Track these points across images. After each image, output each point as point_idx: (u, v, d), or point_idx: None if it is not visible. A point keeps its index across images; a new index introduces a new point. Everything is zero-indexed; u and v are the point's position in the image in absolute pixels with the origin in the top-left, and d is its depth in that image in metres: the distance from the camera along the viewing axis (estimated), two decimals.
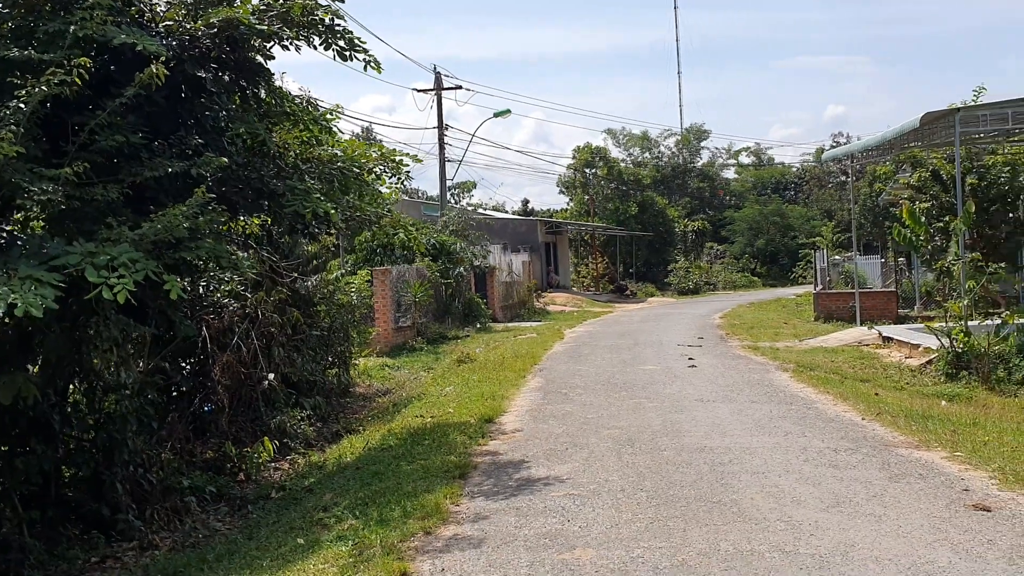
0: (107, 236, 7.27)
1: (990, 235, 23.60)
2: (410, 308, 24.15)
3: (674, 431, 9.87)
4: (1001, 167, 23.02)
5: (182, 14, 9.20)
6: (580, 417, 11.15)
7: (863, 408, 11.07)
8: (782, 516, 6.47)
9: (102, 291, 6.59)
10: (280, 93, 10.36)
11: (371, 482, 8.65)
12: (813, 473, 7.75)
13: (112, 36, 7.52)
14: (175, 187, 8.34)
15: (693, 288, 50.82)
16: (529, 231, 45.49)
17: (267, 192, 9.05)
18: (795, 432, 9.63)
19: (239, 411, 12.47)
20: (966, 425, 9.80)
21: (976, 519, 6.28)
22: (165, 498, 9.42)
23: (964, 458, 8.20)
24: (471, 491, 7.80)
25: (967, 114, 16.67)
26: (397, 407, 14.16)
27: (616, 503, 7.05)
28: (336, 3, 9.35)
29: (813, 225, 58.19)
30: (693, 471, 7.96)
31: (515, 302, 35.15)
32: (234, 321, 12.77)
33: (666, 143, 69.47)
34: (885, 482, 7.38)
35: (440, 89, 35.83)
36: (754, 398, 12.15)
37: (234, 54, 9.28)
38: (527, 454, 9.14)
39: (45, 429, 8.49)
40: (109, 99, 7.96)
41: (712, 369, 15.59)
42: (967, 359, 14.78)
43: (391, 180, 11.66)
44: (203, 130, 9.18)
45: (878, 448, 8.72)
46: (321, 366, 15.29)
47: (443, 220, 32.54)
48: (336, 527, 7.15)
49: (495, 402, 12.54)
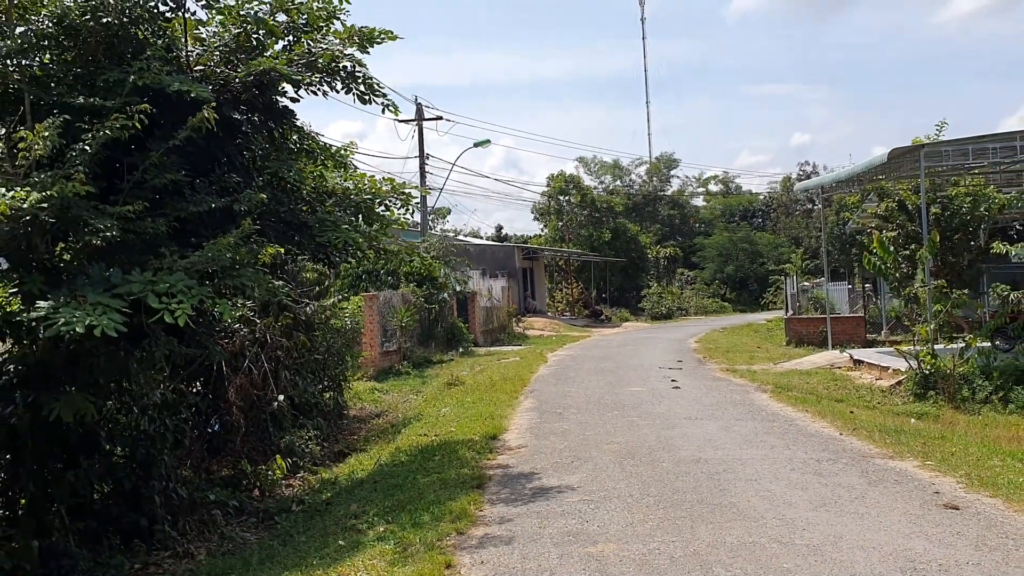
0: (159, 265, 7.98)
1: (953, 262, 24.75)
2: (396, 333, 24.81)
3: (669, 445, 10.68)
4: (963, 198, 24.20)
5: (216, 59, 9.95)
6: (579, 434, 11.91)
7: (840, 424, 11.95)
8: (777, 515, 7.29)
9: (163, 315, 7.29)
10: (302, 132, 11.12)
11: (393, 493, 9.34)
12: (800, 480, 8.58)
13: (168, 84, 8.26)
14: (215, 220, 9.06)
15: (666, 313, 51.88)
16: (506, 257, 46.32)
17: (296, 224, 9.79)
18: (780, 445, 10.47)
19: (250, 431, 13.10)
20: (935, 439, 10.73)
21: (947, 516, 7.13)
22: (193, 511, 10.06)
23: (934, 466, 9.08)
24: (491, 498, 8.53)
25: (931, 149, 17.80)
26: (396, 428, 14.81)
27: (627, 506, 7.82)
28: (360, 53, 10.11)
29: (781, 252, 59.71)
30: (692, 479, 8.76)
31: (495, 327, 35.90)
32: (245, 345, 13.41)
33: (637, 171, 71.03)
34: (865, 486, 8.23)
35: (421, 120, 36.69)
36: (739, 416, 12.99)
37: (262, 97, 10.03)
38: (536, 467, 9.88)
39: (91, 445, 9.13)
40: (155, 140, 8.70)
41: (696, 390, 16.43)
42: (934, 380, 15.77)
43: (400, 211, 12.39)
44: (234, 168, 9.90)
45: (856, 459, 9.58)
46: (319, 389, 15.94)
47: (425, 246, 33.25)
48: (371, 531, 7.85)
49: (495, 421, 13.26)
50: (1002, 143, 17.28)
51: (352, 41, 10.05)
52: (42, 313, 6.90)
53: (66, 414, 7.91)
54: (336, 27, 10.47)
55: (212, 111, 8.52)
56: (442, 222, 70.95)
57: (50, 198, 7.17)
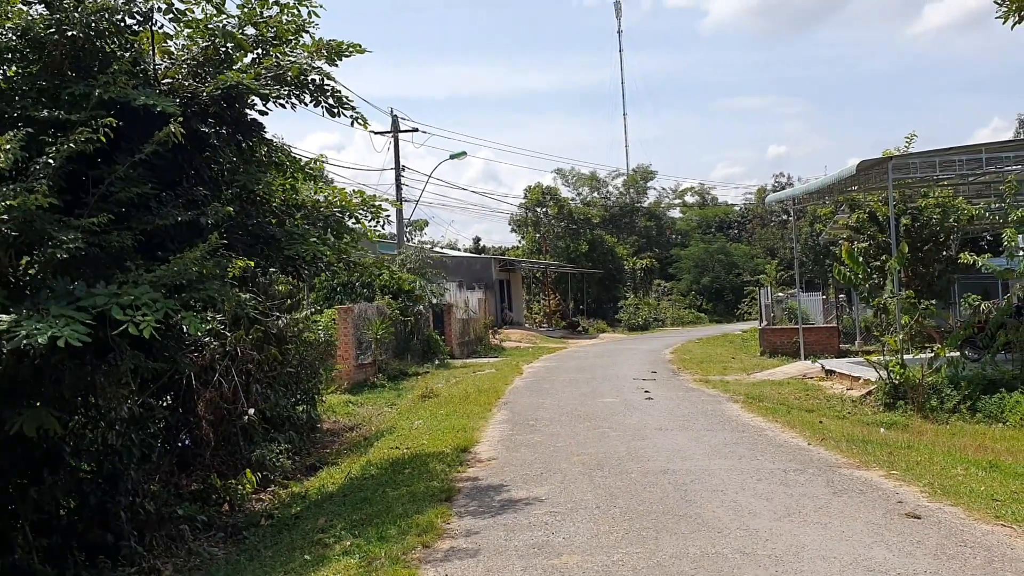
0: (124, 279, 7.94)
1: (924, 273, 25.05)
2: (371, 345, 24.76)
3: (638, 456, 10.72)
4: (933, 209, 24.52)
5: (183, 72, 9.93)
6: (550, 445, 11.93)
7: (809, 434, 12.04)
8: (741, 525, 7.34)
9: (128, 327, 7.25)
10: (272, 145, 11.11)
11: (361, 507, 9.32)
12: (766, 490, 8.64)
13: (134, 98, 8.24)
14: (181, 234, 9.03)
15: (643, 324, 52.05)
16: (483, 269, 46.35)
17: (264, 237, 9.78)
18: (748, 456, 10.54)
19: (220, 445, 13.02)
20: (901, 448, 10.84)
21: (908, 525, 7.21)
22: (161, 526, 9.99)
23: (899, 476, 9.17)
24: (459, 511, 8.52)
25: (899, 161, 18.03)
26: (369, 441, 14.76)
27: (593, 518, 7.85)
28: (329, 66, 10.13)
29: (757, 263, 60.13)
30: (659, 490, 8.80)
31: (472, 339, 35.87)
32: (215, 358, 13.34)
33: (614, 183, 71.22)
34: (830, 496, 8.30)
35: (397, 132, 36.71)
36: (709, 427, 13.06)
37: (231, 110, 10.02)
38: (505, 479, 9.89)
39: (56, 460, 9.04)
40: (121, 153, 8.67)
41: (668, 401, 16.50)
42: (903, 390, 15.94)
43: (371, 224, 12.39)
44: (202, 181, 9.88)
45: (823, 468, 9.66)
46: (291, 402, 15.88)
47: (401, 259, 33.21)
48: (338, 545, 7.82)
49: (467, 433, 13.26)
50: (968, 155, 17.54)
51: (320, 54, 10.08)
52: (4, 327, 6.85)
53: (29, 428, 7.84)
54: (305, 40, 10.51)
55: (179, 125, 8.52)
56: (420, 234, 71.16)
57: (11, 209, 7.14)
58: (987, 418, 14.88)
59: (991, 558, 6.26)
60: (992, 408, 15.07)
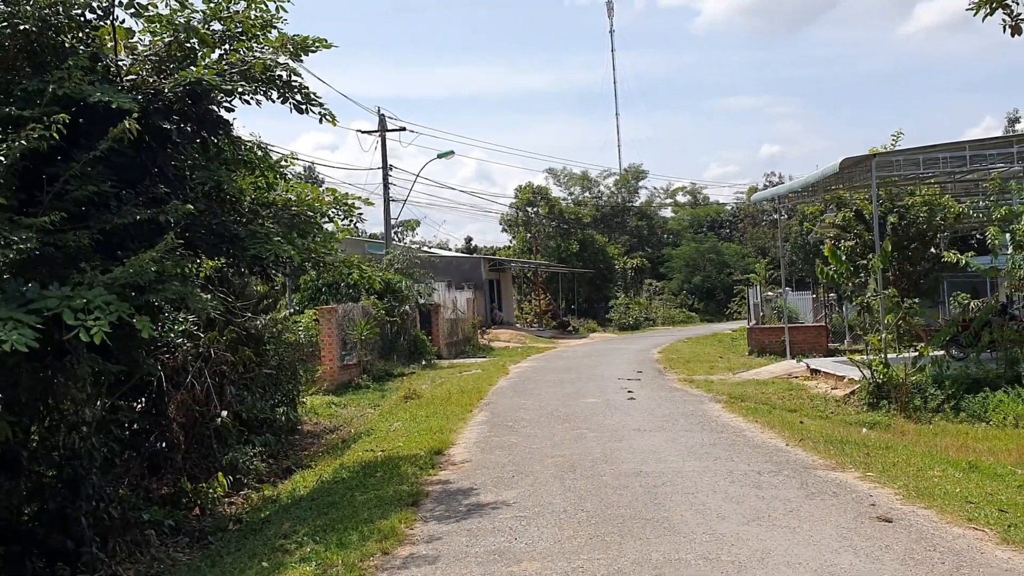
0: (80, 280, 7.73)
1: (910, 271, 24.93)
2: (356, 346, 24.56)
3: (613, 458, 10.55)
4: (920, 207, 24.38)
5: (147, 69, 9.73)
6: (525, 447, 11.76)
7: (788, 435, 11.88)
8: (707, 530, 7.17)
9: (79, 332, 7.05)
10: (239, 142, 10.90)
11: (328, 511, 9.13)
12: (738, 492, 8.48)
13: (89, 93, 8.03)
14: (142, 233, 8.83)
15: (633, 324, 51.90)
16: (473, 268, 46.17)
17: (228, 236, 9.58)
18: (724, 457, 10.38)
19: (193, 448, 12.82)
20: (879, 449, 10.69)
21: (878, 529, 7.04)
22: (126, 531, 9.79)
23: (875, 477, 9.01)
24: (424, 516, 8.34)
25: (883, 159, 17.88)
26: (347, 443, 14.58)
27: (559, 522, 7.67)
28: (294, 63, 9.94)
29: (748, 262, 60.04)
30: (629, 493, 8.63)
31: (460, 339, 35.69)
32: (188, 360, 13.13)
33: (605, 183, 71.07)
34: (802, 499, 8.13)
35: (384, 131, 36.49)
36: (688, 427, 12.89)
37: (196, 107, 9.80)
38: (476, 482, 9.71)
39: (13, 465, 8.84)
40: (80, 151, 8.46)
41: (650, 401, 16.34)
42: (887, 389, 15.79)
43: (344, 223, 12.20)
44: (166, 179, 9.68)
45: (798, 470, 9.50)
46: (270, 404, 15.67)
47: (388, 258, 33.00)
48: (298, 551, 7.63)
49: (444, 435, 13.08)
50: (952, 152, 17.40)
51: (285, 49, 9.88)
52: None
53: None
54: (273, 36, 10.31)
55: (136, 122, 8.31)
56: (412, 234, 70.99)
57: None
58: (971, 417, 14.74)
59: (959, 563, 6.10)
60: (975, 407, 14.93)
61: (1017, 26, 7.91)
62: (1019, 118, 57.35)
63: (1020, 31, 7.92)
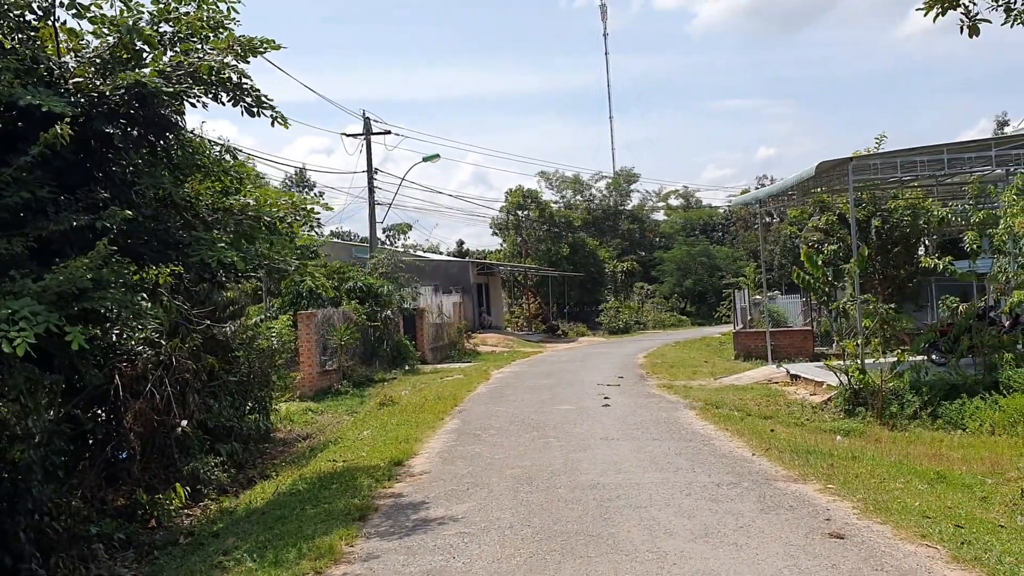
0: (9, 289, 7.49)
1: (894, 276, 24.73)
2: (336, 352, 24.30)
3: (573, 469, 10.30)
4: (903, 211, 24.19)
5: (91, 72, 9.49)
6: (488, 458, 11.51)
7: (756, 444, 11.64)
8: (652, 547, 6.92)
9: (1, 344, 6.81)
10: (192, 146, 10.66)
11: (274, 526, 8.88)
12: (692, 506, 8.24)
13: (19, 96, 7.79)
14: (82, 240, 8.58)
15: (623, 327, 51.64)
16: (461, 272, 45.93)
17: (173, 243, 9.33)
18: (685, 468, 10.13)
19: (152, 458, 12.56)
20: (844, 459, 10.44)
21: (828, 546, 6.80)
22: (72, 546, 9.51)
23: (835, 490, 8.77)
24: (368, 532, 8.09)
25: (860, 163, 17.65)
26: (314, 452, 14.32)
27: (502, 540, 7.42)
28: (242, 65, 9.70)
29: (739, 265, 59.81)
30: (580, 507, 8.38)
31: (445, 343, 35.42)
32: (148, 368, 12.87)
33: (597, 186, 70.85)
34: (756, 514, 7.89)
35: (369, 134, 36.26)
36: (657, 436, 12.65)
37: (144, 110, 9.57)
38: (429, 495, 9.46)
39: None
40: (17, 155, 8.23)
41: (624, 408, 16.10)
42: (864, 396, 15.55)
43: (304, 229, 11.97)
44: (112, 184, 9.44)
45: (759, 482, 9.25)
46: (240, 412, 15.41)
47: (372, 262, 32.74)
48: (234, 569, 7.39)
49: (408, 445, 12.83)
50: (930, 156, 17.17)
51: (232, 51, 9.64)
52: None
53: None
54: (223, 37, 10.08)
55: (78, 126, 8.11)
56: (404, 238, 70.72)
57: None
58: (947, 424, 14.49)
59: None
60: (952, 414, 14.68)
61: (975, 26, 7.68)
62: (1008, 120, 57.23)
63: (978, 31, 7.69)
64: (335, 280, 28.21)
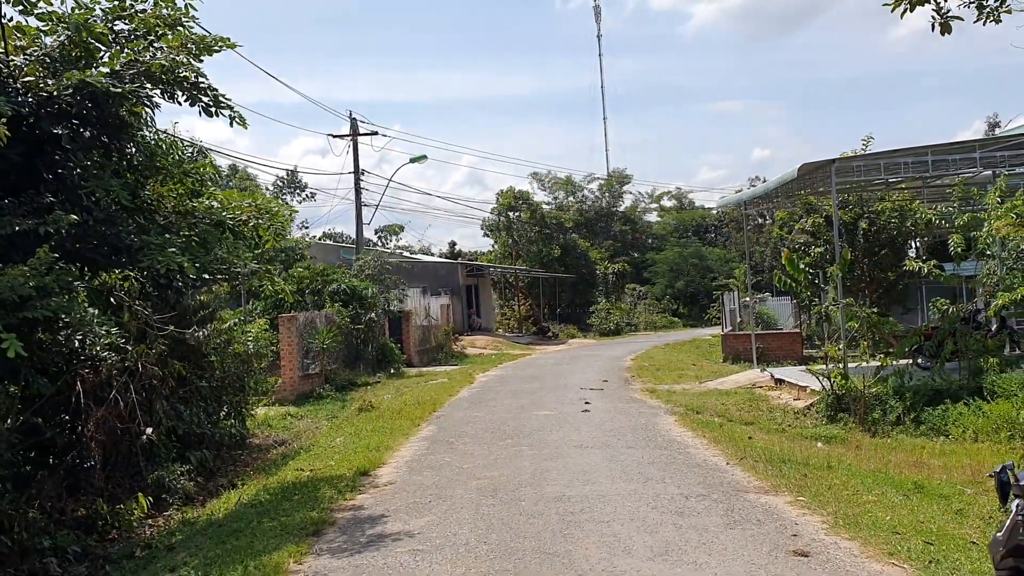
0: None
1: (881, 278, 24.47)
2: (318, 355, 23.99)
3: (540, 480, 10.02)
4: (890, 213, 23.93)
5: (41, 72, 9.19)
6: (456, 467, 11.23)
7: (731, 452, 11.37)
8: (608, 567, 6.63)
9: None
10: (149, 148, 10.36)
11: (227, 540, 8.60)
12: (656, 520, 7.95)
13: None
14: (26, 245, 8.28)
15: (614, 329, 51.37)
16: (450, 274, 45.61)
17: (123, 247, 9.04)
18: (656, 478, 9.85)
19: (117, 466, 12.24)
20: (819, 469, 10.16)
21: (791, 565, 6.52)
22: (23, 560, 9.24)
23: (806, 502, 8.50)
24: (320, 548, 7.80)
25: (843, 164, 17.39)
26: (285, 459, 14.03)
27: (455, 557, 7.13)
28: (197, 63, 9.41)
29: (731, 267, 59.48)
30: (541, 522, 8.09)
31: (432, 346, 35.10)
32: (112, 375, 12.55)
33: (590, 187, 70.57)
34: (721, 529, 7.61)
35: (356, 135, 35.92)
36: (632, 443, 12.37)
37: (96, 110, 9.27)
38: (389, 508, 9.17)
39: None
40: None
41: (604, 413, 15.82)
42: (846, 401, 15.28)
43: (270, 232, 11.67)
44: (63, 186, 9.14)
45: (728, 494, 8.97)
46: (214, 418, 15.10)
47: (358, 264, 32.42)
48: None
49: (377, 453, 12.55)
50: (913, 157, 16.92)
51: (185, 49, 9.34)
52: None
53: None
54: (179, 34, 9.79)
55: (19, 126, 7.80)
56: (396, 239, 70.43)
57: None
58: (930, 431, 14.23)
59: None
60: (936, 420, 14.41)
61: (947, 23, 7.42)
62: (999, 122, 57.04)
63: (950, 29, 7.43)
64: (318, 282, 27.89)
